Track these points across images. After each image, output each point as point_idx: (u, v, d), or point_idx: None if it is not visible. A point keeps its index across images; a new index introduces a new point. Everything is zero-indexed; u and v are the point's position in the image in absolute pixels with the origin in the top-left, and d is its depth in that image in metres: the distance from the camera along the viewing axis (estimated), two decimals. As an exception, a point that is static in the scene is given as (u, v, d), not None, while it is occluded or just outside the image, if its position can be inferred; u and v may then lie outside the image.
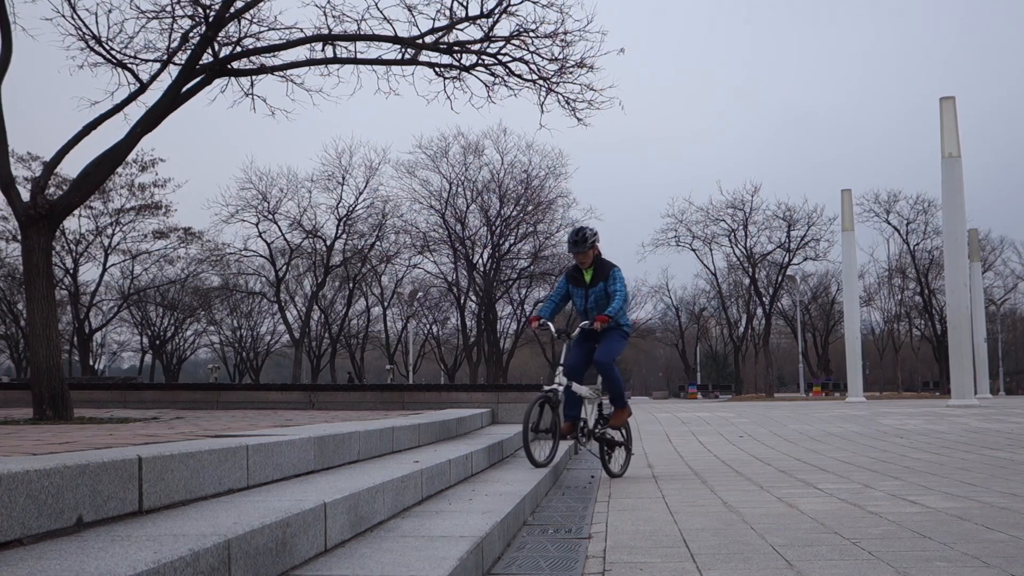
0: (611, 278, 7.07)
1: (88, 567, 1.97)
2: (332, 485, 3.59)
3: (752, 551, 4.02)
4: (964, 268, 30.30)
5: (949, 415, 19.28)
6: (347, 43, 9.60)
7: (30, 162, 37.55)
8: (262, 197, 43.38)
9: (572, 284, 7.26)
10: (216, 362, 57.57)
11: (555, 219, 46.63)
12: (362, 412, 9.58)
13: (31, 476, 2.20)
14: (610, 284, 7.05)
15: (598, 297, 7.09)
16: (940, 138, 29.38)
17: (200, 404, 11.47)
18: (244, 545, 2.44)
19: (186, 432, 4.67)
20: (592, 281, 7.12)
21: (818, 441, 11.84)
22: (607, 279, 7.07)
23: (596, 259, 7.15)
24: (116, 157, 8.14)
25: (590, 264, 7.13)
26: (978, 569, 3.57)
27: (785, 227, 55.21)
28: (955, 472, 7.50)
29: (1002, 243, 61.20)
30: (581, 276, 7.19)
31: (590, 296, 7.12)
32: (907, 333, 67.90)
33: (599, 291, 7.08)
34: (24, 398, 10.23)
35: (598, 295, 7.08)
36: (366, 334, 58.13)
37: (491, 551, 3.68)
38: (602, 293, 7.08)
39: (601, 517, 5.16)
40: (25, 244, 7.56)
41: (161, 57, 9.24)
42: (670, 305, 68.48)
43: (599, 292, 7.08)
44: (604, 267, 7.15)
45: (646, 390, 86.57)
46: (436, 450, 5.87)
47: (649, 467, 8.55)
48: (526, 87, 9.98)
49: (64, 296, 41.78)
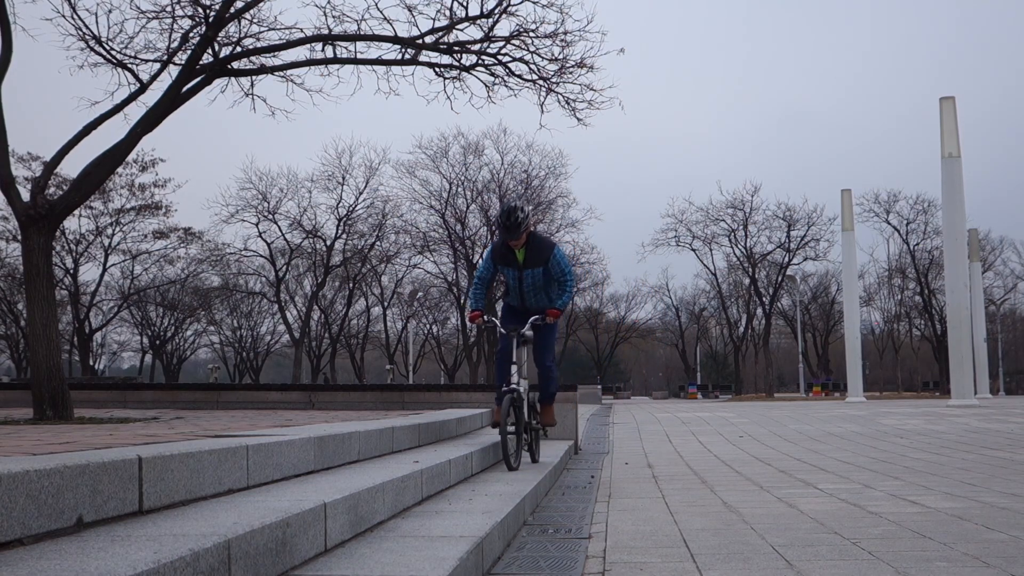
0: (553, 262, 6.45)
1: (88, 567, 1.97)
2: (332, 485, 3.59)
3: (752, 551, 4.02)
4: (964, 268, 30.31)
5: (949, 415, 19.28)
6: (347, 43, 9.61)
7: (30, 162, 37.57)
8: (262, 197, 43.43)
9: (501, 263, 6.55)
10: (216, 362, 57.63)
11: (555, 219, 46.65)
12: (362, 412, 9.58)
13: (31, 476, 2.20)
14: (554, 268, 6.47)
15: (535, 281, 6.51)
16: (940, 138, 29.38)
17: (200, 404, 11.47)
18: (244, 545, 2.44)
19: (186, 432, 4.67)
20: (527, 262, 6.46)
21: (818, 441, 11.84)
22: (547, 263, 6.44)
23: (529, 237, 6.44)
24: (116, 157, 8.14)
25: (523, 243, 6.42)
26: (978, 569, 3.57)
27: (785, 227, 55.29)
28: (955, 472, 7.50)
29: (1002, 243, 61.30)
30: (512, 255, 6.48)
31: (525, 279, 6.51)
32: (907, 333, 67.92)
33: (537, 276, 6.49)
34: (24, 398, 10.23)
35: (535, 279, 6.50)
36: (366, 334, 58.14)
37: (491, 551, 3.68)
38: (540, 278, 6.49)
39: (601, 517, 5.16)
40: (25, 244, 7.56)
41: (161, 57, 9.25)
42: (670, 305, 68.64)
43: (537, 277, 6.49)
44: (542, 247, 6.48)
45: (646, 390, 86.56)
46: (436, 450, 5.87)
47: (649, 467, 8.56)
48: (526, 87, 9.98)
49: (64, 296, 41.78)
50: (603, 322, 67.46)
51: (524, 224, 6.27)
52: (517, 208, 6.30)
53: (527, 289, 6.59)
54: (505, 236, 6.35)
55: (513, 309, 6.75)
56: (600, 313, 65.98)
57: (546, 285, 6.58)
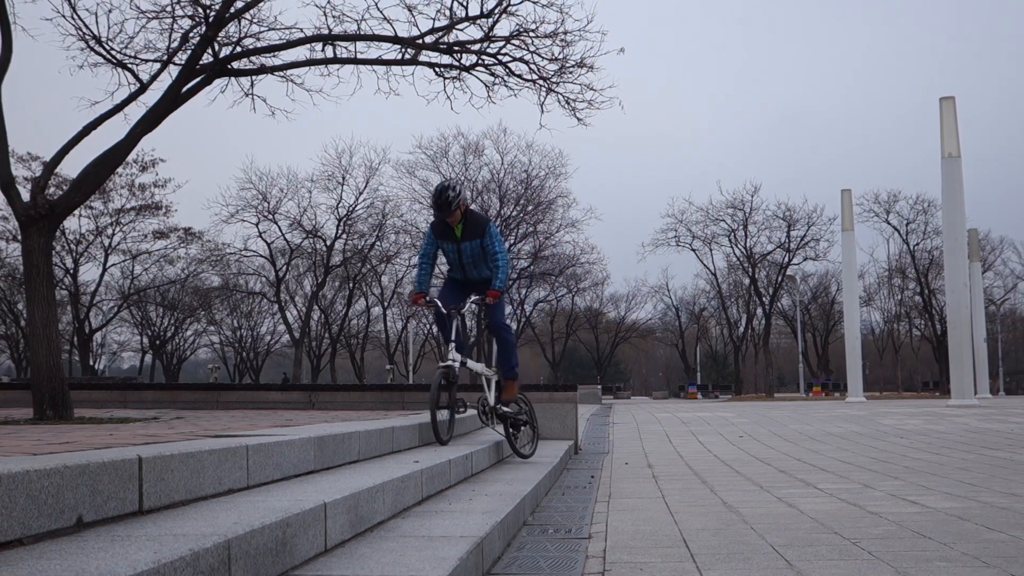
0: (488, 235, 6.82)
1: (88, 567, 1.97)
2: (332, 485, 3.59)
3: (752, 551, 4.02)
4: (964, 268, 30.30)
5: (949, 415, 19.27)
6: (347, 43, 9.60)
7: (30, 162, 37.55)
8: (262, 197, 43.43)
9: (440, 238, 6.94)
10: (216, 362, 57.60)
11: (555, 219, 46.69)
12: (362, 412, 9.57)
13: (31, 476, 2.20)
14: (488, 243, 6.82)
15: (474, 252, 6.85)
16: (940, 138, 29.38)
17: (200, 404, 11.46)
18: (244, 545, 2.44)
19: (186, 432, 4.67)
20: (464, 236, 6.84)
21: (818, 441, 11.83)
22: (483, 235, 6.82)
23: (465, 212, 6.83)
24: (116, 157, 8.13)
25: (460, 219, 6.82)
26: (978, 569, 3.57)
27: (785, 227, 55.31)
28: (955, 472, 7.50)
29: (1002, 243, 61.31)
30: (450, 230, 6.87)
31: (464, 251, 6.87)
32: (907, 333, 67.95)
33: (475, 247, 6.84)
34: (24, 398, 10.23)
35: (474, 251, 6.85)
36: (366, 334, 58.14)
37: (491, 551, 3.68)
38: (478, 249, 6.84)
39: (601, 517, 5.16)
40: (25, 244, 7.55)
41: (161, 57, 9.24)
42: (670, 305, 68.63)
43: (475, 248, 6.84)
44: (478, 222, 6.87)
45: (646, 390, 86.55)
46: (436, 450, 5.87)
47: (649, 467, 8.55)
48: (526, 87, 9.97)
49: (64, 296, 41.78)
50: (603, 322, 67.46)
51: (455, 202, 6.66)
52: (448, 187, 6.71)
53: (467, 261, 6.93)
54: (439, 214, 6.74)
55: (456, 282, 7.03)
56: (600, 313, 65.98)
57: (486, 256, 6.92)
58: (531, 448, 7.37)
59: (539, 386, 11.15)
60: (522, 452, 7.18)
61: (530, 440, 7.45)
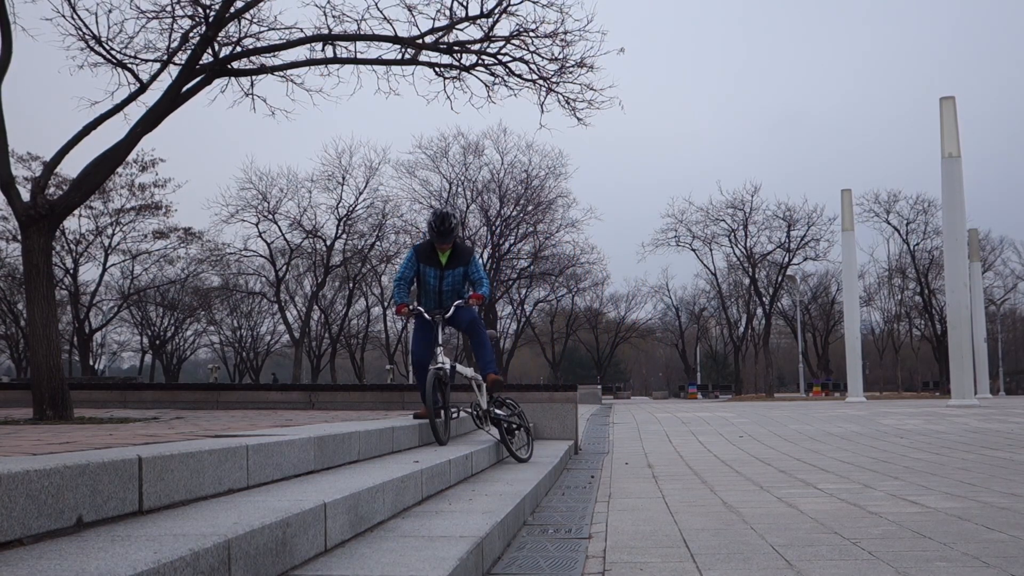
0: (473, 264, 7.11)
1: (88, 567, 1.97)
2: (332, 485, 3.59)
3: (752, 551, 4.01)
4: (964, 268, 30.30)
5: (949, 415, 19.27)
6: (347, 43, 9.60)
7: (30, 162, 37.53)
8: (262, 197, 43.40)
9: (424, 263, 7.08)
10: (216, 362, 57.54)
11: (555, 219, 46.68)
12: (362, 412, 9.58)
13: (31, 476, 2.20)
14: (472, 271, 7.09)
15: (455, 280, 7.06)
16: (940, 138, 29.38)
17: (200, 404, 11.46)
18: (244, 545, 2.44)
19: (186, 432, 4.67)
20: (449, 263, 7.05)
21: (818, 441, 11.83)
22: (468, 264, 7.08)
23: (455, 242, 7.10)
24: (116, 157, 8.13)
25: (449, 248, 7.06)
26: (978, 569, 3.57)
27: (785, 227, 55.25)
28: (955, 472, 7.50)
29: (1002, 243, 61.24)
30: (435, 256, 7.05)
31: (446, 278, 7.05)
32: (907, 333, 67.91)
33: (458, 275, 7.07)
34: (24, 398, 10.23)
35: (456, 278, 7.06)
36: (366, 334, 58.11)
37: (491, 551, 3.68)
38: (460, 277, 7.08)
39: (601, 517, 5.16)
40: (25, 244, 7.55)
41: (161, 57, 9.24)
42: (670, 305, 68.59)
43: (457, 276, 7.07)
44: (464, 252, 7.13)
45: (646, 390, 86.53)
46: (436, 450, 5.87)
47: (649, 467, 8.56)
48: (526, 87, 9.97)
49: (64, 296, 41.76)
50: (603, 322, 67.42)
51: (455, 231, 6.97)
52: (451, 215, 7.02)
53: (446, 288, 7.09)
54: (437, 240, 6.93)
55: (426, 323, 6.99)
56: (600, 313, 65.94)
57: (468, 284, 7.16)
58: (527, 451, 7.40)
59: (539, 386, 11.16)
60: (519, 456, 7.21)
61: (526, 443, 7.48)
